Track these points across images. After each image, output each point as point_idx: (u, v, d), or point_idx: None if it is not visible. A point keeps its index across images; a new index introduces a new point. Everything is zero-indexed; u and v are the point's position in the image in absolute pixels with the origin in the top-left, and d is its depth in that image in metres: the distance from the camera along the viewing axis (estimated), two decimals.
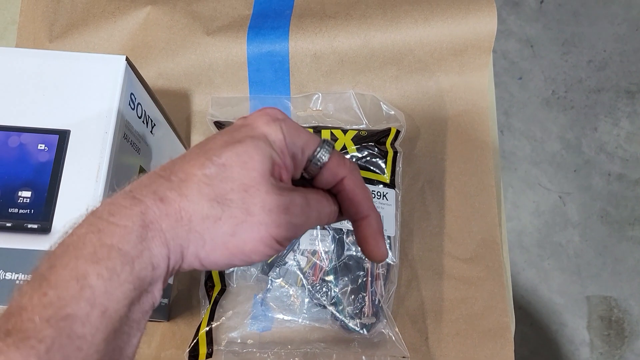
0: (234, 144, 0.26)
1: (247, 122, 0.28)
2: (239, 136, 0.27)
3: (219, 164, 0.25)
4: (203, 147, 0.26)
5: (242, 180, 0.25)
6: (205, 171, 0.25)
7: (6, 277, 0.32)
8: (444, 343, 0.53)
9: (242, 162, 0.25)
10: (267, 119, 0.28)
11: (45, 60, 0.37)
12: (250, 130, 0.27)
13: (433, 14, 0.57)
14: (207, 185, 0.25)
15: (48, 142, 0.35)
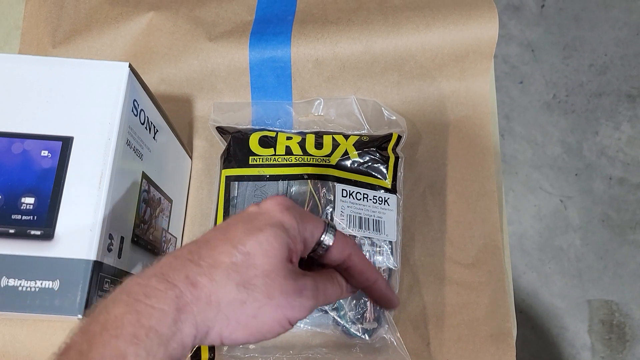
0: (256, 233, 0.28)
1: (263, 210, 0.31)
2: (258, 224, 0.29)
3: (244, 252, 0.28)
4: (226, 233, 0.29)
5: (264, 267, 0.28)
6: (232, 259, 0.27)
7: (9, 284, 0.32)
8: (445, 348, 0.53)
9: (264, 251, 0.28)
10: (281, 207, 0.30)
11: (49, 67, 0.37)
12: (268, 219, 0.30)
13: (434, 20, 0.57)
14: (234, 272, 0.27)
15: (51, 149, 0.35)
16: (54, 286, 0.32)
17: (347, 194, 0.51)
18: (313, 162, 0.52)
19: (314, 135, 0.55)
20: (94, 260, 0.33)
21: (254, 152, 0.53)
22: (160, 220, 0.47)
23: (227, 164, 0.53)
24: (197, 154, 0.58)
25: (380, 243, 0.51)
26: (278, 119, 0.58)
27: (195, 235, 0.55)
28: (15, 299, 0.32)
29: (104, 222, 0.34)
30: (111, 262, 0.36)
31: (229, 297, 0.27)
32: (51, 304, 0.32)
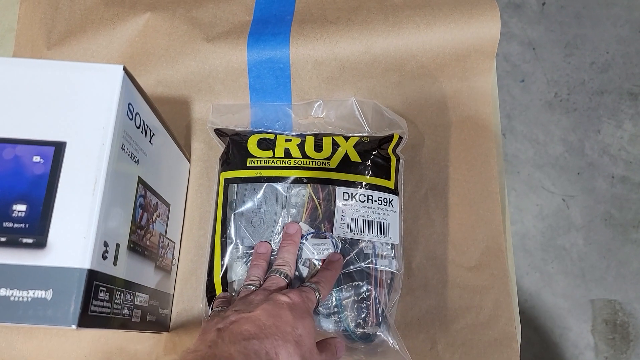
0: (301, 320, 0.39)
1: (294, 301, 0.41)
2: (300, 312, 0.39)
3: (298, 334, 0.37)
4: (280, 317, 0.38)
5: (309, 345, 0.38)
6: (295, 338, 0.37)
7: (1, 294, 0.31)
8: (449, 353, 0.52)
9: (308, 333, 0.39)
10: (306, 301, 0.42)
11: (41, 70, 0.36)
12: (303, 309, 0.41)
13: (435, 19, 0.56)
14: (298, 347, 0.37)
15: (44, 154, 0.34)
16: (47, 296, 0.31)
17: (348, 196, 0.50)
18: (312, 165, 0.52)
19: (314, 137, 0.54)
20: (88, 268, 0.32)
21: (252, 154, 0.52)
22: (157, 225, 0.46)
23: (225, 166, 0.53)
24: (195, 157, 0.58)
25: (382, 246, 0.50)
26: (277, 121, 0.57)
27: (194, 239, 0.54)
28: (7, 310, 0.31)
29: (99, 229, 0.33)
30: (106, 270, 0.35)
31: None
32: (44, 315, 0.31)
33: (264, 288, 0.43)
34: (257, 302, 0.39)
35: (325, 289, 0.45)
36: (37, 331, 0.52)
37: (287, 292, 0.41)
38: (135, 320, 0.41)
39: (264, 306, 0.38)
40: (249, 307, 0.39)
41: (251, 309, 0.38)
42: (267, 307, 0.38)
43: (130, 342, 0.52)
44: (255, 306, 0.38)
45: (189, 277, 0.54)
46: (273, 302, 0.39)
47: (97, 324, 0.34)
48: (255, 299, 0.40)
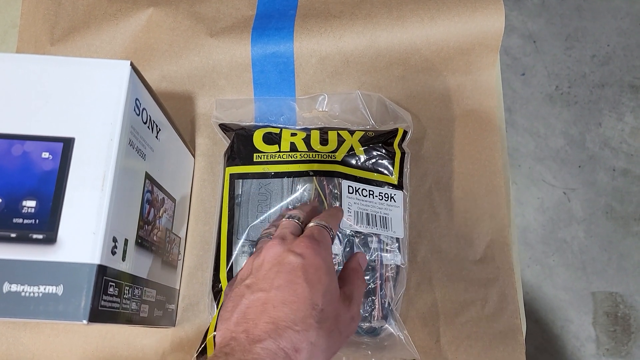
0: (318, 286, 0.36)
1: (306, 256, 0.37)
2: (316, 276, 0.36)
3: (319, 310, 0.35)
4: (295, 293, 0.35)
5: (333, 314, 0.36)
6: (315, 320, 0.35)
7: (12, 290, 0.31)
8: (454, 346, 0.52)
9: (329, 300, 0.36)
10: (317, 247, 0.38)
11: (49, 66, 0.36)
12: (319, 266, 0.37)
13: (439, 13, 0.56)
14: (321, 330, 0.35)
15: (52, 150, 0.34)
16: (58, 291, 0.31)
17: (353, 190, 0.51)
18: (318, 158, 0.52)
19: (319, 131, 0.54)
20: (98, 264, 0.32)
21: (258, 149, 0.52)
22: (164, 220, 0.46)
23: (231, 161, 0.53)
24: (199, 152, 0.58)
25: (387, 240, 0.50)
26: (281, 115, 0.57)
27: (199, 235, 0.55)
28: (18, 305, 0.31)
29: (108, 225, 0.33)
30: (115, 265, 0.35)
31: (322, 349, 0.34)
32: (55, 310, 0.31)
33: (276, 236, 0.40)
34: (269, 271, 0.37)
35: (334, 224, 0.42)
36: (44, 327, 0.52)
37: (297, 245, 0.37)
38: (142, 315, 0.41)
39: (277, 283, 0.35)
40: (262, 283, 0.36)
41: (264, 287, 0.36)
42: (280, 283, 0.35)
43: (137, 337, 0.52)
44: (269, 282, 0.36)
45: (194, 272, 0.54)
46: (285, 273, 0.36)
47: (107, 319, 0.34)
48: (267, 263, 0.37)
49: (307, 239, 0.38)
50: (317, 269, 0.36)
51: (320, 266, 0.36)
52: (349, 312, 0.38)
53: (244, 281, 0.38)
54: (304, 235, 0.39)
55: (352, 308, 0.38)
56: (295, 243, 0.38)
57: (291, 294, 0.35)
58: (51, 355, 0.51)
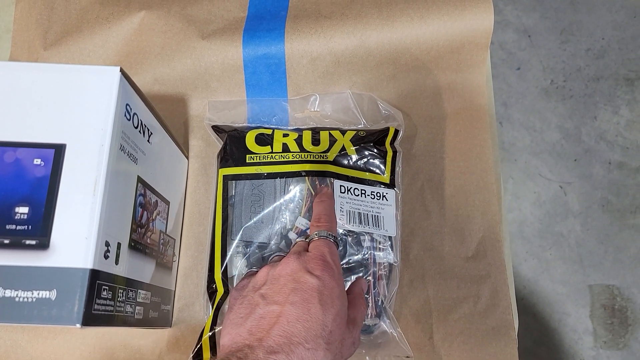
0: (330, 309, 0.37)
1: (323, 278, 0.39)
2: (329, 300, 0.37)
3: (329, 332, 0.36)
4: (309, 312, 0.36)
5: (340, 337, 0.38)
6: (325, 341, 0.36)
7: (5, 295, 0.32)
8: (447, 342, 0.53)
9: (338, 324, 0.37)
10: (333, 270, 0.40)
11: (40, 73, 0.36)
12: (332, 290, 0.39)
13: (429, 12, 0.56)
14: (329, 351, 0.36)
15: (44, 157, 0.34)
16: (51, 296, 0.32)
17: (345, 190, 0.51)
18: (310, 158, 0.52)
19: (311, 131, 0.55)
20: (91, 268, 0.33)
21: (250, 150, 0.53)
22: (157, 223, 0.47)
23: (224, 163, 0.53)
24: (193, 154, 0.58)
25: (380, 238, 0.51)
26: (274, 116, 0.58)
27: (194, 236, 0.55)
28: (12, 310, 0.32)
29: (100, 229, 0.34)
30: (109, 269, 0.35)
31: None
32: (49, 314, 0.32)
33: (292, 252, 0.41)
34: (285, 286, 0.38)
35: (333, 225, 0.45)
36: (41, 330, 0.52)
37: (314, 266, 0.39)
38: (138, 317, 0.42)
39: (292, 299, 0.37)
40: (277, 296, 0.37)
41: (279, 300, 0.37)
42: (295, 300, 0.36)
43: (133, 338, 0.52)
44: (284, 296, 0.37)
45: (189, 273, 0.54)
46: (301, 292, 0.37)
47: (101, 322, 0.35)
48: (282, 278, 0.39)
49: (321, 261, 0.40)
50: (331, 293, 0.38)
51: (334, 290, 0.38)
52: (352, 336, 0.40)
53: (259, 290, 0.39)
54: (318, 257, 0.40)
55: (354, 332, 0.40)
56: (311, 264, 0.39)
57: (305, 312, 0.36)
58: (49, 358, 0.52)
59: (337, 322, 0.37)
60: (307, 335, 0.35)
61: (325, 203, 0.47)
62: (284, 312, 0.36)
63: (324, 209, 0.46)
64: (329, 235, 0.43)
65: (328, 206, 0.47)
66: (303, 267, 0.39)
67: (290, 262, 0.40)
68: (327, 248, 0.41)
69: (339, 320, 0.37)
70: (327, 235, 0.43)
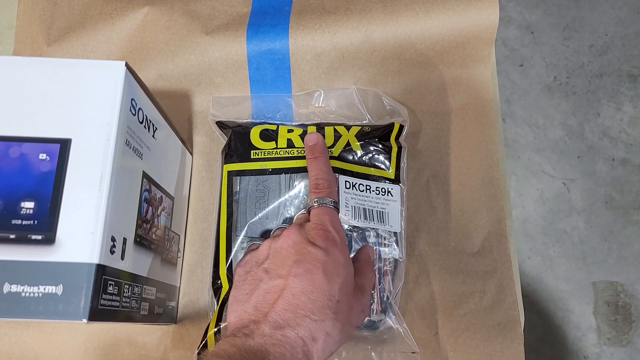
0: (336, 279, 0.37)
1: (330, 249, 0.38)
2: (335, 269, 0.37)
3: (335, 301, 0.36)
4: (313, 282, 0.36)
5: (347, 306, 0.38)
6: (332, 311, 0.36)
7: (12, 290, 0.32)
8: (453, 338, 0.52)
9: (345, 293, 0.37)
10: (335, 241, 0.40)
11: (44, 68, 0.36)
12: (337, 259, 0.38)
13: (434, 6, 0.56)
14: (337, 321, 0.36)
15: (49, 152, 0.34)
16: (58, 291, 0.32)
17: (350, 185, 0.51)
18: None
19: (316, 127, 0.54)
20: (97, 263, 0.33)
21: (255, 146, 0.53)
22: (162, 218, 0.47)
23: (228, 158, 0.53)
24: (197, 150, 0.58)
25: (385, 234, 0.51)
26: (278, 112, 0.58)
27: (198, 232, 0.55)
28: (19, 305, 0.31)
29: (106, 224, 0.34)
30: (114, 264, 0.35)
31: (335, 340, 0.36)
32: (55, 309, 0.32)
33: (294, 224, 0.41)
34: (288, 258, 0.37)
35: (332, 189, 0.43)
36: (46, 325, 0.52)
37: (317, 237, 0.38)
38: (143, 312, 0.42)
39: (295, 271, 0.36)
40: (281, 269, 0.37)
41: (283, 273, 0.36)
42: (299, 272, 0.36)
43: (138, 334, 0.52)
44: (287, 269, 0.36)
45: (194, 269, 0.54)
46: (305, 263, 0.36)
47: (107, 318, 0.34)
48: (284, 250, 0.38)
49: (323, 230, 0.39)
50: (335, 262, 0.37)
51: (339, 260, 0.37)
52: (360, 304, 0.39)
53: (262, 264, 0.39)
54: (320, 226, 0.39)
55: (363, 300, 0.40)
56: (313, 234, 0.39)
57: (309, 283, 0.35)
58: (53, 354, 0.52)
59: (344, 291, 0.37)
60: (313, 306, 0.35)
61: (320, 161, 0.45)
62: (288, 285, 0.36)
63: (321, 170, 0.44)
64: (330, 202, 0.42)
65: (324, 166, 0.45)
66: (305, 238, 0.38)
67: (292, 234, 0.39)
68: (328, 216, 0.41)
69: (345, 289, 0.37)
70: (328, 203, 0.42)
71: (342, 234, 0.40)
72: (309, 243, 0.38)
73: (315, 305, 0.35)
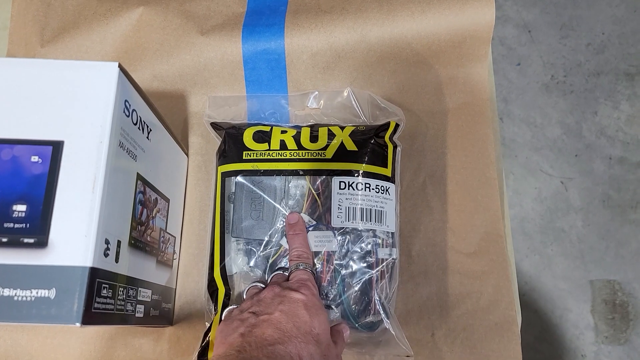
0: (316, 317, 0.41)
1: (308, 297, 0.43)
2: (315, 310, 0.41)
3: (315, 335, 0.39)
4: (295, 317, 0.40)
5: (325, 342, 0.41)
6: (314, 339, 0.39)
7: (4, 294, 0.31)
8: (450, 339, 0.52)
9: (324, 330, 0.41)
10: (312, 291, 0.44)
11: (37, 69, 0.36)
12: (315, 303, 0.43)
13: (430, 6, 0.56)
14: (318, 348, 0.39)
15: (42, 154, 0.34)
16: (50, 295, 0.31)
17: (345, 185, 0.50)
18: (308, 156, 0.52)
19: (310, 128, 0.54)
20: (90, 266, 0.32)
21: (248, 147, 0.52)
22: (157, 220, 0.46)
23: (222, 160, 0.53)
24: (193, 151, 0.58)
25: (380, 234, 0.50)
26: (274, 113, 0.57)
27: (194, 233, 0.55)
28: (11, 309, 0.31)
29: (99, 227, 0.34)
30: (108, 267, 0.35)
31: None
32: (48, 313, 0.31)
33: (272, 282, 0.46)
34: (272, 302, 0.41)
35: (311, 259, 0.48)
36: (41, 328, 0.52)
37: (298, 287, 0.43)
38: (138, 315, 0.42)
39: (281, 308, 0.40)
40: (267, 309, 0.41)
41: (269, 311, 0.40)
42: (284, 308, 0.40)
43: (134, 336, 0.52)
44: (273, 308, 0.40)
45: (190, 271, 0.54)
46: (289, 302, 0.41)
47: (101, 321, 0.34)
48: (268, 298, 0.42)
49: (302, 283, 0.44)
50: (314, 305, 0.42)
51: (317, 304, 0.42)
52: (336, 351, 0.42)
53: (248, 310, 0.42)
54: (299, 281, 0.45)
55: (338, 349, 0.43)
56: (294, 285, 0.43)
57: (294, 316, 0.40)
58: (49, 356, 0.51)
59: (323, 327, 0.41)
60: (298, 332, 0.38)
61: (300, 237, 0.49)
62: (274, 317, 0.39)
63: (301, 244, 0.48)
64: (309, 267, 0.47)
65: (304, 240, 0.49)
66: (287, 287, 0.43)
67: (274, 287, 0.44)
68: (306, 276, 0.46)
69: (323, 327, 0.41)
70: (305, 267, 0.47)
71: (317, 292, 0.45)
72: (291, 290, 0.42)
73: (300, 331, 0.39)
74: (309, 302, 0.41)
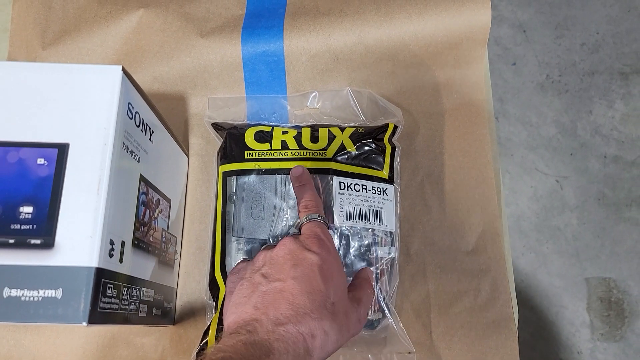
0: (331, 282, 0.38)
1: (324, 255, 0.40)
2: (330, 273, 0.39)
3: (331, 303, 0.37)
4: (311, 284, 0.37)
5: (344, 310, 0.39)
6: (328, 310, 0.37)
7: (12, 294, 0.32)
8: (448, 336, 0.53)
9: (341, 296, 0.39)
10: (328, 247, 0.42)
11: (41, 73, 0.36)
12: (332, 263, 0.40)
13: (427, 8, 0.56)
14: (333, 321, 0.37)
15: (47, 157, 0.34)
16: (57, 295, 0.32)
17: (345, 186, 0.51)
18: (310, 156, 0.52)
19: (310, 128, 0.55)
20: (96, 267, 0.33)
21: (249, 147, 0.53)
22: (159, 221, 0.47)
23: (223, 160, 0.53)
24: (193, 152, 0.58)
25: (380, 234, 0.51)
26: (273, 113, 0.58)
27: (195, 233, 0.55)
28: (18, 310, 0.32)
29: (104, 228, 0.34)
30: (113, 267, 0.36)
31: (332, 340, 0.36)
32: (55, 313, 0.32)
33: (288, 236, 0.42)
34: (285, 264, 0.38)
35: (320, 208, 0.46)
36: (44, 328, 0.52)
37: (311, 244, 0.40)
38: (141, 314, 0.42)
39: (293, 274, 0.37)
40: (279, 274, 0.38)
41: (282, 277, 0.37)
42: (297, 275, 0.37)
43: (136, 335, 0.53)
44: (285, 273, 0.38)
45: (191, 271, 0.54)
46: (302, 266, 0.38)
47: (106, 320, 0.35)
48: (280, 258, 0.39)
49: (316, 239, 0.41)
50: (330, 267, 0.39)
51: (333, 265, 0.39)
52: (357, 313, 0.40)
53: (259, 271, 0.39)
54: (313, 235, 0.41)
55: (360, 310, 0.41)
56: (308, 242, 0.40)
57: (307, 285, 0.37)
58: (52, 357, 0.52)
59: (339, 294, 0.38)
60: (312, 306, 0.36)
61: (307, 187, 0.47)
62: (287, 286, 0.37)
63: (308, 194, 0.46)
64: (319, 217, 0.44)
65: (310, 189, 0.47)
66: (300, 245, 0.40)
67: (287, 243, 0.40)
68: (319, 228, 0.43)
69: (340, 293, 0.39)
70: (317, 218, 0.44)
71: (334, 245, 0.42)
72: (304, 250, 0.39)
73: (314, 304, 0.36)
74: (324, 265, 0.38)
